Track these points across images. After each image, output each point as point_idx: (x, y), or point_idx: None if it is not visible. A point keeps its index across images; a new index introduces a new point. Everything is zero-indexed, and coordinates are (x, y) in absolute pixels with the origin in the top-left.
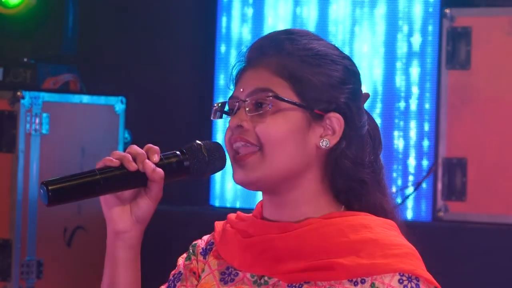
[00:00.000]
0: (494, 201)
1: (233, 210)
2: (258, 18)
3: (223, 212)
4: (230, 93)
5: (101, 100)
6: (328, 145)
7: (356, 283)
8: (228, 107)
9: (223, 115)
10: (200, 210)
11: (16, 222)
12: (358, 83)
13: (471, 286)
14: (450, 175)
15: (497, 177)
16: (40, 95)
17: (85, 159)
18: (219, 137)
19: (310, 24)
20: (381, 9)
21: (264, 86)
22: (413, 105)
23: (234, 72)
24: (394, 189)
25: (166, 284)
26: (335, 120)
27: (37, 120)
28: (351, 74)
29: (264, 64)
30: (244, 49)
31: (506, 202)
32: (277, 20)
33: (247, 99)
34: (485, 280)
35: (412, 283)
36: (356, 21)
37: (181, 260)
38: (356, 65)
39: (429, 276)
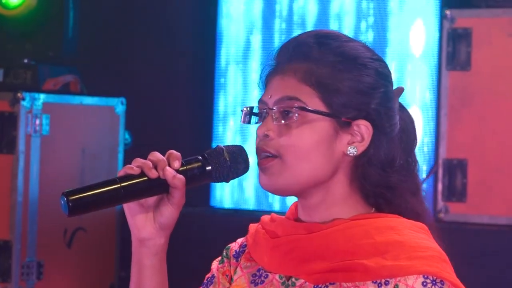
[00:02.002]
0: (494, 202)
1: (234, 211)
2: (256, 16)
3: (223, 214)
4: (259, 95)
5: (102, 101)
6: (355, 152)
7: (380, 285)
8: (258, 110)
9: (252, 118)
10: (201, 211)
11: (16, 223)
12: (389, 85)
13: (471, 287)
14: (450, 176)
15: (498, 178)
16: (41, 96)
17: (85, 160)
18: (220, 138)
19: (309, 19)
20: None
21: (291, 95)
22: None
23: (263, 74)
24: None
25: None
26: (364, 128)
27: (38, 121)
28: (382, 77)
29: (292, 70)
30: (274, 50)
31: (506, 203)
32: (275, 16)
33: (274, 107)
34: (486, 281)
35: (436, 286)
36: (361, 16)
37: (215, 264)
38: (388, 65)
39: (455, 280)
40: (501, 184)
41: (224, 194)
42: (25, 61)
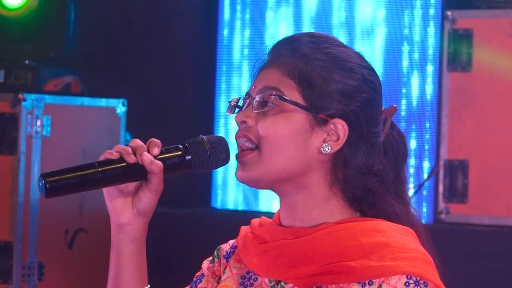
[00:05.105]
0: (495, 203)
1: (235, 212)
2: (257, 19)
3: (224, 215)
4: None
5: (102, 102)
6: (329, 150)
7: (364, 285)
8: (242, 102)
9: (236, 110)
10: (202, 212)
11: (18, 224)
12: (374, 93)
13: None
14: (451, 177)
15: (499, 179)
16: (42, 97)
17: (86, 161)
18: None
19: (306, 11)
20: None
21: (272, 85)
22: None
23: (254, 70)
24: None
25: (189, 286)
26: (340, 127)
27: (39, 122)
28: (368, 83)
29: (278, 64)
30: (267, 46)
31: (507, 204)
32: (275, 18)
33: (255, 97)
34: (486, 282)
35: (419, 287)
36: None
37: (205, 263)
38: (378, 75)
39: (439, 282)
40: (502, 185)
41: (225, 195)
42: (26, 62)
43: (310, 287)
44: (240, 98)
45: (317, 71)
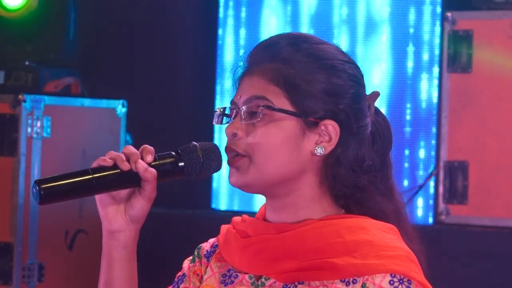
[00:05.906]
0: (495, 204)
1: (234, 213)
2: (255, 19)
3: (224, 216)
4: (232, 96)
5: (103, 103)
6: (323, 152)
7: (348, 283)
8: (229, 111)
9: (224, 119)
10: (202, 213)
11: (18, 226)
12: (359, 86)
13: None
14: (451, 178)
15: (499, 180)
16: (42, 99)
17: (86, 162)
18: (221, 142)
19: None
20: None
21: (258, 94)
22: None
23: (236, 76)
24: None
25: (171, 286)
26: (331, 128)
27: (39, 124)
28: (352, 79)
29: (261, 71)
30: (246, 52)
31: (507, 205)
32: (273, 19)
33: (243, 107)
34: (486, 283)
35: (403, 285)
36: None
37: (186, 263)
38: (359, 67)
39: (423, 279)
40: (502, 186)
41: (225, 197)
42: (26, 63)
43: (292, 283)
44: (226, 107)
45: (301, 74)
